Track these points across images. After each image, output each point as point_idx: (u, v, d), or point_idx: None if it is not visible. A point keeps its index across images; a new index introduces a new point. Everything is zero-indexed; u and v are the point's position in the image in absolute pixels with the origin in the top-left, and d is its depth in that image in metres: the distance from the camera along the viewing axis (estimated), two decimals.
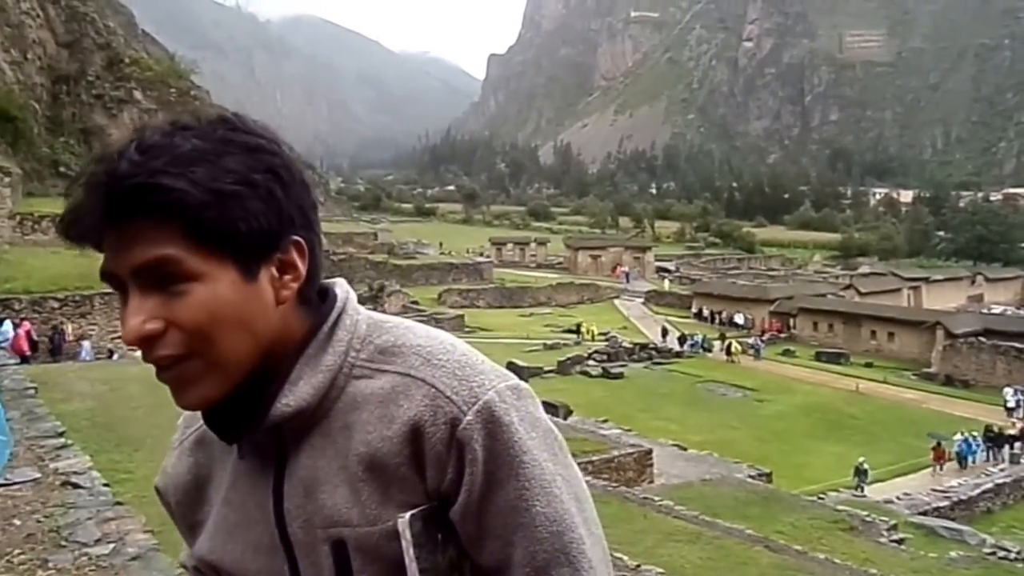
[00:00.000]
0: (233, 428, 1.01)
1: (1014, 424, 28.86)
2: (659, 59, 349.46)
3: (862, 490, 22.95)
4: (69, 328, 20.34)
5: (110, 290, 0.93)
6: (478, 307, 53.53)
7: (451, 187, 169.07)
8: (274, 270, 0.97)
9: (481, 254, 75.36)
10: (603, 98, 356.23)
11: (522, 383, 1.03)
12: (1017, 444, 27.62)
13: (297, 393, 0.99)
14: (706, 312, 51.67)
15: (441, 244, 78.98)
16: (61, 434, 7.38)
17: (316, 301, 1.04)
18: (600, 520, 1.05)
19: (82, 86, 37.14)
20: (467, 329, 42.57)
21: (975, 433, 27.48)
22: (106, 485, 6.08)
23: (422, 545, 0.97)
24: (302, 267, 0.99)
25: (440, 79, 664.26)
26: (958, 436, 26.85)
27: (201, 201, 0.91)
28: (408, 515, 0.96)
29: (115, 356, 18.48)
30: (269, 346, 0.98)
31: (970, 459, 26.66)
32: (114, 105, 37.10)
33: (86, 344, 19.97)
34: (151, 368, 0.95)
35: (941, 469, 25.60)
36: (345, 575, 0.98)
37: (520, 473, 0.97)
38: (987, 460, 26.91)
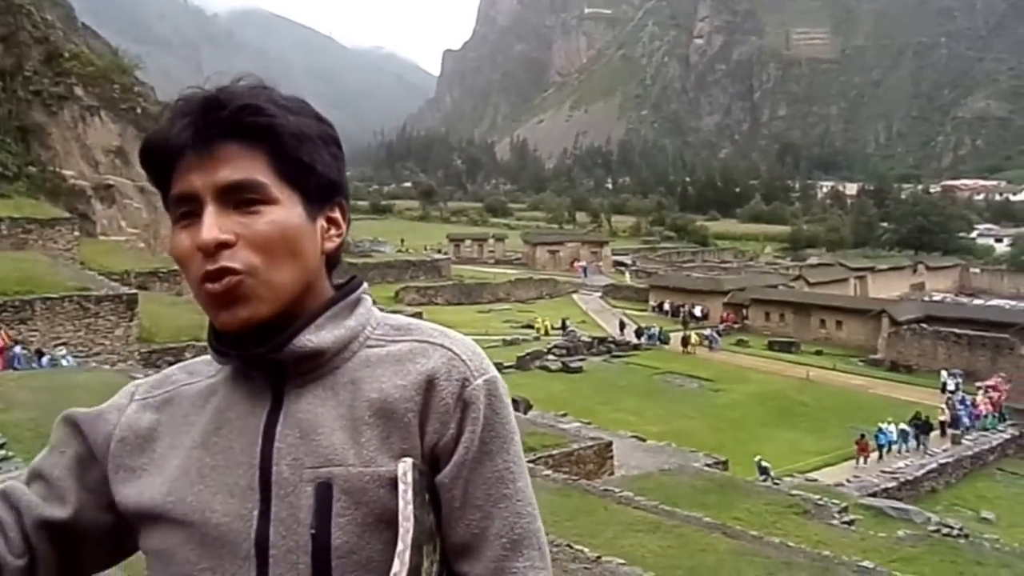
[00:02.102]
0: (252, 355, 1.07)
1: (943, 410, 29.49)
2: (613, 55, 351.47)
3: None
4: (3, 333, 18.97)
5: (53, 295, 1.04)
6: (437, 304, 53.34)
7: (408, 184, 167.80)
8: (324, 221, 1.10)
9: (439, 251, 75.21)
10: (558, 94, 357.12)
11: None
12: (950, 429, 28.52)
13: (321, 336, 1.07)
14: (667, 306, 52.37)
15: (403, 241, 78.57)
16: (2, 445, 7.15)
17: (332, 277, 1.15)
18: (562, 513, 1.13)
19: (18, 82, 35.88)
20: None
21: (894, 421, 27.45)
22: None
23: (416, 494, 0.99)
24: (343, 225, 1.13)
25: (394, 75, 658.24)
26: (884, 425, 26.97)
27: (291, 132, 1.05)
28: (410, 460, 1.01)
29: (44, 359, 17.43)
30: (308, 288, 1.09)
31: (894, 447, 26.75)
32: (54, 102, 35.94)
33: (17, 349, 18.44)
34: (98, 374, 1.04)
35: (864, 462, 25.43)
36: (323, 518, 1.00)
37: (510, 449, 1.06)
38: (917, 448, 27.12)
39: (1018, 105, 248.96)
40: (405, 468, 1.00)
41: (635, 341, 43.22)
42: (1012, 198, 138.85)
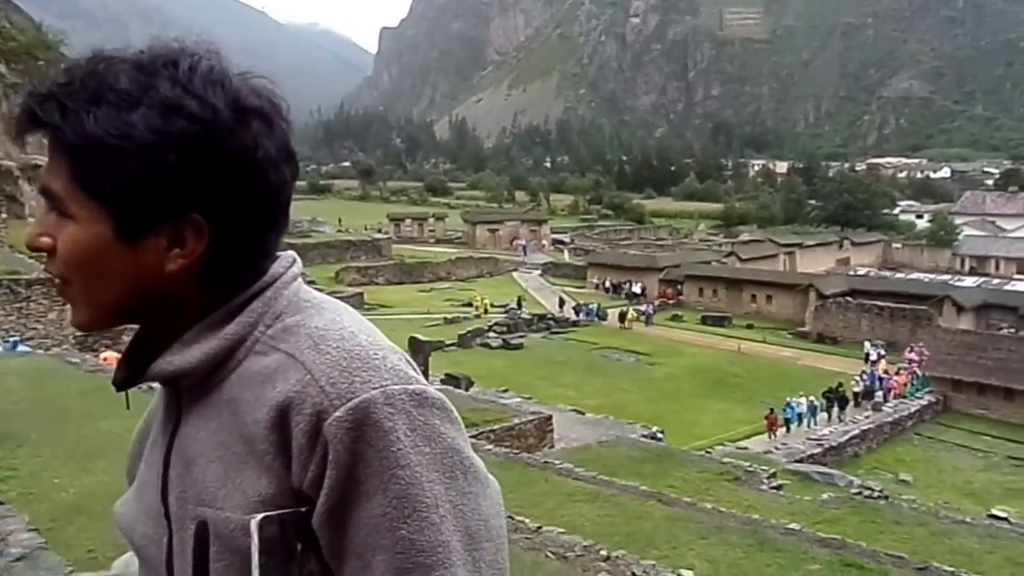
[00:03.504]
0: (128, 379, 1.00)
1: (857, 382, 30.58)
2: (550, 34, 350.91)
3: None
4: None
5: None
6: (377, 284, 53.11)
7: (346, 163, 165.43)
8: (164, 240, 0.92)
9: (379, 230, 74.57)
10: (497, 73, 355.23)
11: (433, 392, 0.92)
12: (867, 400, 29.74)
13: (186, 355, 0.94)
14: (608, 283, 53.04)
15: (340, 221, 77.70)
16: None
17: (240, 280, 0.99)
18: (504, 486, 0.95)
19: None
20: (367, 306, 42.36)
21: (805, 395, 27.90)
22: None
23: (274, 553, 0.88)
24: (195, 247, 0.92)
25: (331, 52, 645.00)
26: (797, 399, 27.41)
27: (75, 144, 0.88)
28: (260, 517, 0.87)
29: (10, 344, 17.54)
30: (155, 307, 0.95)
31: (806, 422, 27.10)
32: None
33: None
34: (32, 359, 1.11)
35: (774, 436, 25.64)
36: (202, 560, 0.91)
37: (390, 488, 0.86)
38: (828, 420, 27.79)
39: (939, 85, 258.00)
40: (254, 527, 0.87)
41: (574, 318, 43.84)
42: (932, 176, 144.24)
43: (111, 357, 16.31)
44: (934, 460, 25.99)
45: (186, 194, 0.90)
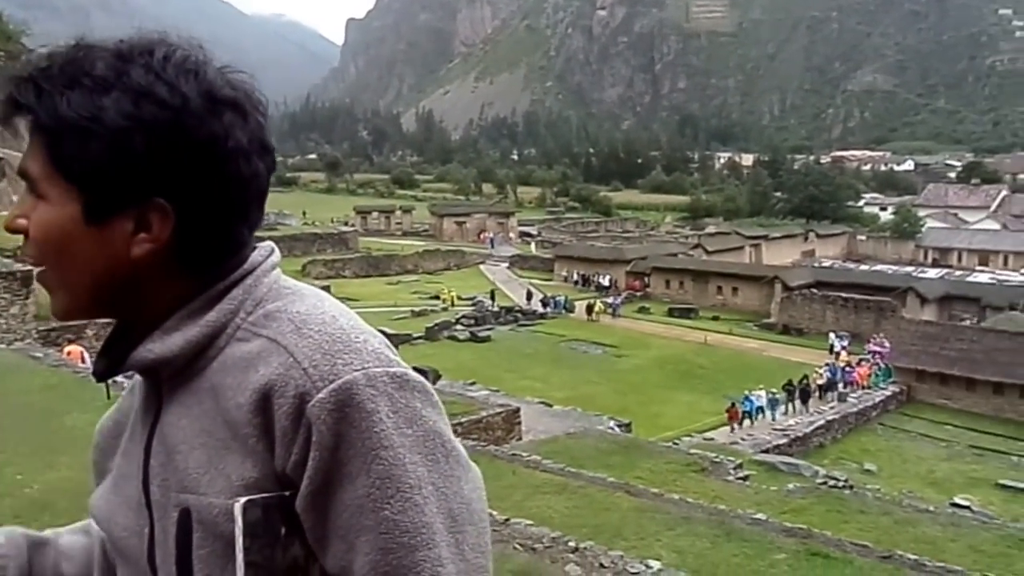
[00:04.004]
0: (108, 368, 1.00)
1: (820, 375, 30.73)
2: (517, 26, 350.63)
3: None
4: None
5: None
6: (344, 277, 52.76)
7: (312, 155, 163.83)
8: (131, 223, 0.93)
9: (346, 223, 74.20)
10: (464, 65, 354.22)
11: (415, 375, 0.93)
12: (829, 393, 29.98)
13: (167, 342, 0.95)
14: (576, 276, 53.05)
15: (305, 213, 77.09)
16: None
17: (216, 268, 0.99)
18: None
19: None
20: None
21: (764, 388, 27.93)
22: None
23: (257, 537, 0.88)
24: (160, 232, 0.93)
25: (297, 44, 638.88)
26: (757, 392, 27.46)
27: (49, 126, 0.90)
28: (244, 500, 0.88)
29: None
30: (127, 293, 0.96)
31: (767, 415, 27.11)
32: None
33: None
34: None
35: (739, 427, 25.68)
36: (185, 548, 0.91)
37: (373, 469, 0.86)
38: (785, 413, 27.69)
39: (903, 79, 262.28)
40: (238, 510, 0.88)
41: (541, 310, 43.81)
42: (896, 168, 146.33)
43: (75, 351, 15.93)
44: (898, 450, 26.33)
45: (152, 179, 0.91)
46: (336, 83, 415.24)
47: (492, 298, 44.76)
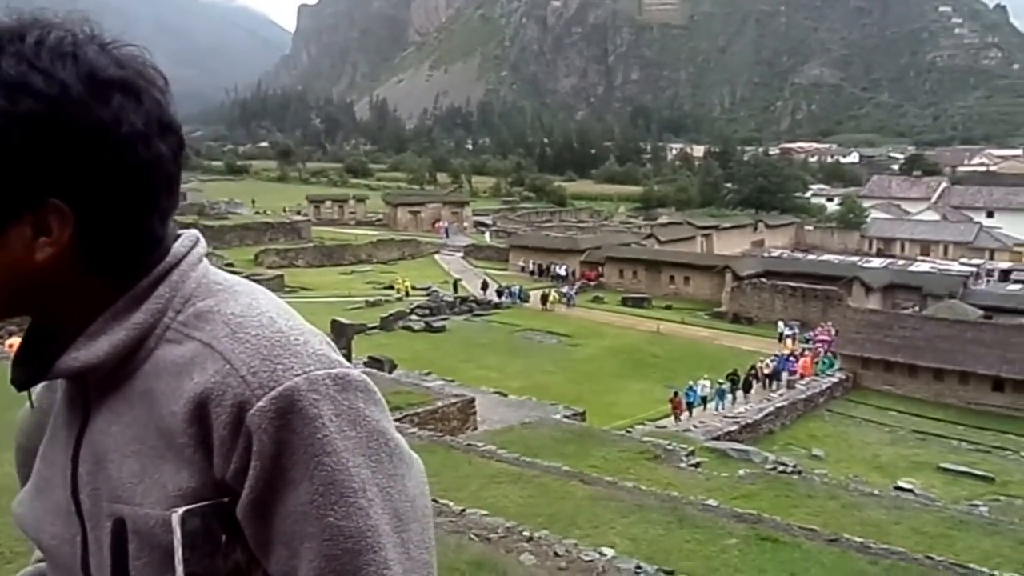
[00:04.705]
0: (29, 377, 0.94)
1: (767, 364, 31.07)
2: (472, 15, 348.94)
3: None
4: None
5: None
6: (297, 266, 52.34)
7: (264, 143, 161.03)
8: (28, 228, 0.85)
9: (298, 212, 73.24)
10: (418, 53, 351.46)
11: (356, 375, 0.89)
12: (774, 382, 30.32)
13: (92, 348, 0.89)
14: (532, 266, 53.14)
15: (254, 202, 75.94)
16: None
17: (135, 265, 0.93)
18: (427, 469, 0.94)
19: None
20: (287, 289, 41.61)
21: (710, 379, 28.05)
22: None
23: (197, 546, 0.85)
24: (60, 234, 0.86)
25: (248, 30, 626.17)
26: (702, 382, 27.52)
27: None
28: (182, 510, 0.85)
29: None
30: (40, 299, 0.90)
31: (714, 404, 27.24)
32: None
33: None
34: None
35: (679, 419, 25.56)
36: (120, 558, 0.87)
37: (316, 475, 0.84)
38: (733, 402, 27.79)
39: (848, 73, 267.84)
40: (176, 521, 0.85)
41: (496, 300, 43.81)
42: (842, 160, 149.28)
43: (16, 344, 15.38)
44: (844, 435, 26.87)
45: (41, 179, 0.84)
46: (288, 70, 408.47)
47: (455, 289, 44.65)
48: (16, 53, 0.83)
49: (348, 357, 23.38)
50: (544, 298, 42.92)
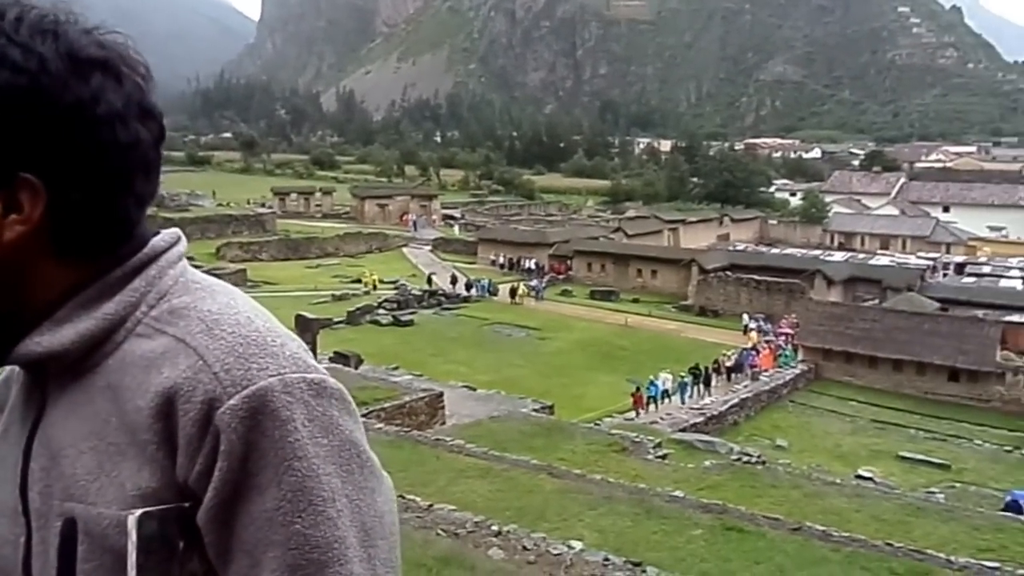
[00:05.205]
0: None
1: (729, 357, 31.42)
2: (440, 7, 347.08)
3: None
4: None
5: None
6: (261, 260, 51.63)
7: (227, 134, 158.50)
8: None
9: (263, 205, 72.31)
10: (386, 45, 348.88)
11: (333, 382, 0.87)
12: (736, 375, 30.63)
13: (57, 335, 0.86)
14: (502, 259, 53.07)
15: (214, 193, 74.77)
16: None
17: (107, 251, 0.91)
18: (395, 465, 0.88)
19: None
20: (251, 283, 41.04)
21: (672, 372, 28.16)
22: None
23: (153, 552, 0.81)
24: (31, 211, 0.84)
25: (210, 17, 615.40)
26: (665, 375, 27.63)
27: None
28: (140, 512, 0.81)
29: None
30: (4, 281, 0.86)
31: (676, 398, 27.25)
32: None
33: None
34: None
35: (642, 413, 25.49)
36: (68, 561, 0.83)
37: (285, 480, 0.81)
38: (691, 396, 27.82)
39: (811, 70, 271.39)
40: (132, 523, 0.81)
41: (465, 294, 43.76)
42: (804, 156, 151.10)
43: None
44: (807, 426, 27.36)
45: (15, 154, 0.83)
46: (252, 60, 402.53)
47: (429, 283, 44.47)
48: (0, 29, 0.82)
49: (314, 352, 23.26)
50: (513, 291, 42.94)
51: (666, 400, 27.08)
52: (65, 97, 0.83)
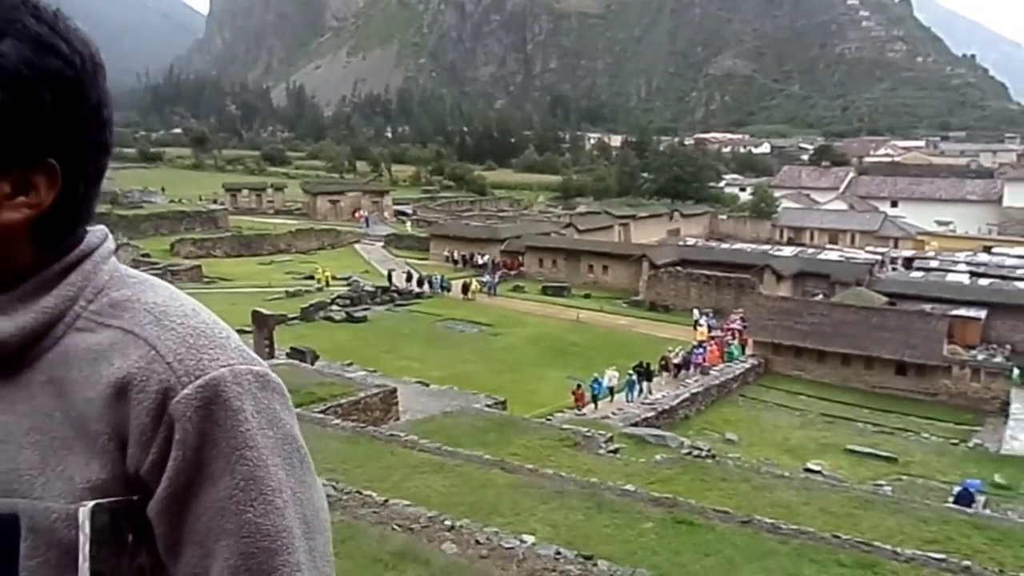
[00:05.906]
0: None
1: (677, 353, 31.39)
2: (389, 1, 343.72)
3: None
4: None
5: None
6: (215, 256, 51.16)
7: (178, 130, 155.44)
8: (7, 185, 0.84)
9: (215, 201, 71.22)
10: (335, 39, 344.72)
11: (275, 377, 0.89)
12: (683, 371, 30.71)
13: None
14: (456, 255, 52.92)
15: (163, 190, 73.50)
16: None
17: (58, 243, 0.91)
18: (351, 460, 0.89)
19: None
20: (206, 280, 40.49)
21: (618, 369, 28.01)
22: None
23: (104, 544, 0.81)
24: (44, 194, 0.85)
25: (158, 12, 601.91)
26: (611, 373, 27.36)
27: None
28: (91, 504, 0.80)
29: None
30: None
31: (623, 395, 27.00)
32: None
33: None
34: None
35: (581, 411, 25.21)
36: (9, 558, 0.81)
37: (238, 469, 0.82)
38: (639, 394, 27.47)
39: (760, 64, 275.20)
40: (84, 516, 0.80)
41: (418, 290, 43.57)
42: (754, 151, 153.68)
43: None
44: (756, 419, 27.68)
45: (47, 136, 0.84)
46: (201, 54, 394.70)
47: (390, 280, 44.09)
48: (35, 15, 0.83)
49: (271, 348, 22.99)
50: (465, 287, 42.88)
51: (608, 398, 26.74)
52: (91, 96, 0.87)
